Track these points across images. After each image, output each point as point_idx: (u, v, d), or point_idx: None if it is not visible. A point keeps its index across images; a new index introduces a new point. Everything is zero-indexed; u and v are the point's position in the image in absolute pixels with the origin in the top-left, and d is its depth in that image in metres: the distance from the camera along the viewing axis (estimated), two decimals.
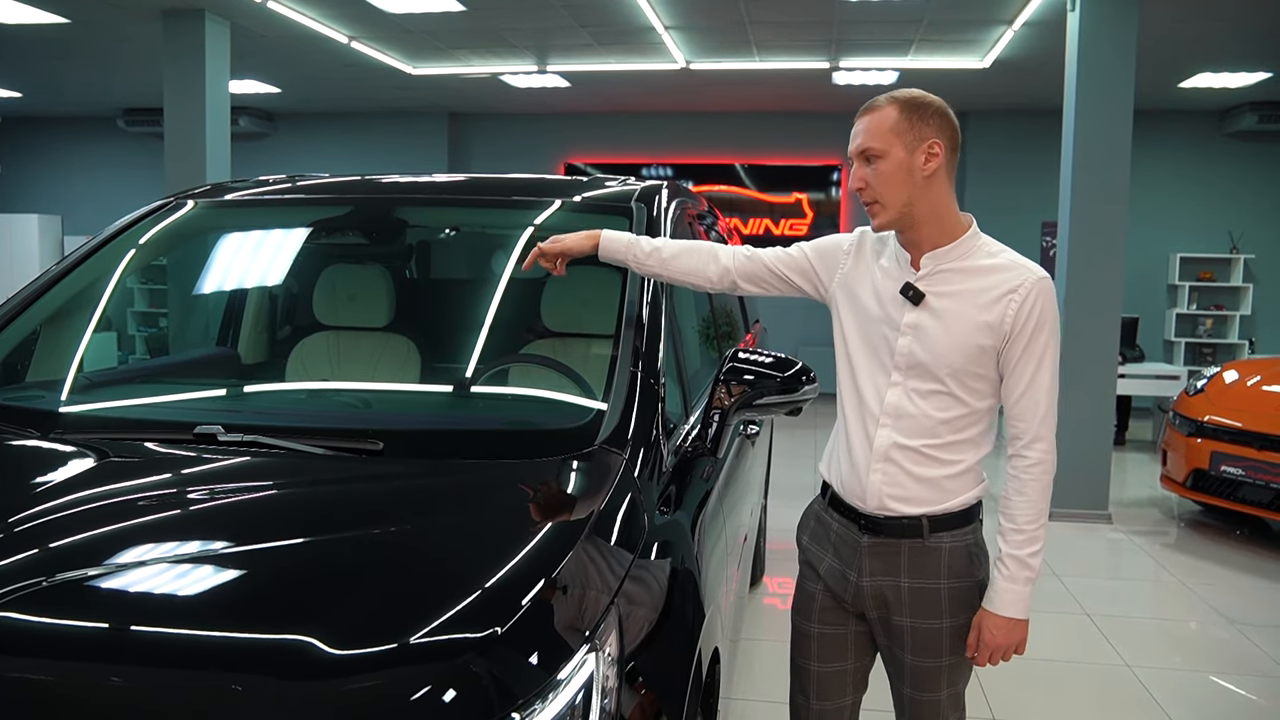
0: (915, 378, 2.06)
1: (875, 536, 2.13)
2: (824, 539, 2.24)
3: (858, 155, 2.05)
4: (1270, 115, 10.22)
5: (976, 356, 2.02)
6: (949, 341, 2.02)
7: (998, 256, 2.07)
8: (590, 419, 2.15)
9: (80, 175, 13.05)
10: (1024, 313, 1.99)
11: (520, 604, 1.54)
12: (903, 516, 2.10)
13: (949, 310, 2.03)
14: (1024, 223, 11.04)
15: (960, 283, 2.04)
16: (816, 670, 2.26)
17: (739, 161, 11.68)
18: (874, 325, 2.11)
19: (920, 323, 2.04)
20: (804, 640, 2.28)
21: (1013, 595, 2.04)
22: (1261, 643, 4.50)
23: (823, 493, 2.28)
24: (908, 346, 2.05)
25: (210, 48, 7.69)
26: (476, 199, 3.13)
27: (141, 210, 2.98)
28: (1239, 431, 6.03)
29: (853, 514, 2.17)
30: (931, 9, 7.26)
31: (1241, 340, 10.85)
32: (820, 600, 2.24)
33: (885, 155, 2.02)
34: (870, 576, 2.14)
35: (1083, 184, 6.49)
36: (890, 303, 2.08)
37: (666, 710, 1.70)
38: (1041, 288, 2.02)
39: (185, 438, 2.12)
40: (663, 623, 1.79)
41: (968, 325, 2.01)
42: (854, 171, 2.07)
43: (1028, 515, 2.04)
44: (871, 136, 2.03)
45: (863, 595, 2.16)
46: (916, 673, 2.16)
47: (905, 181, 2.02)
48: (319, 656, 1.41)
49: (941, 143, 2.03)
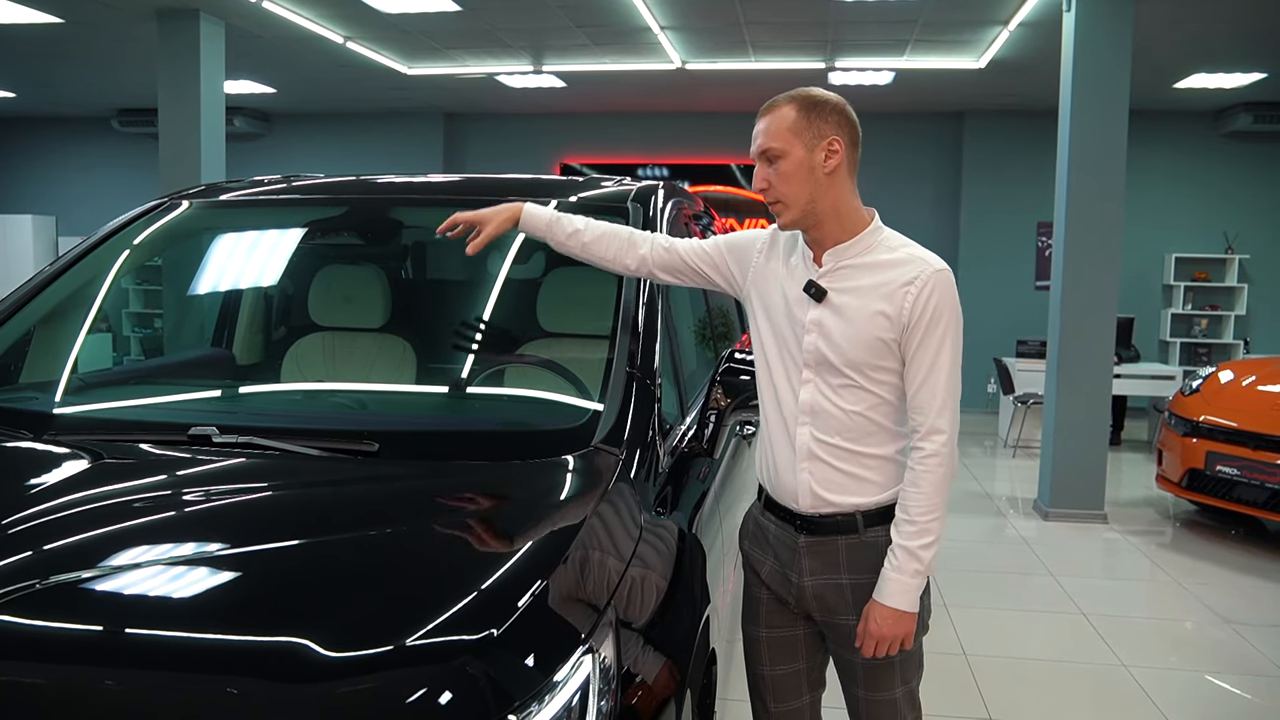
0: (824, 374, 2.07)
1: (812, 535, 2.13)
2: (763, 542, 2.24)
3: (759, 156, 2.06)
4: (1265, 115, 10.23)
5: (878, 349, 2.03)
6: (850, 335, 2.03)
7: (898, 250, 2.07)
8: (586, 420, 2.15)
9: (75, 176, 13.02)
10: (920, 303, 1.99)
11: (516, 606, 1.53)
12: (836, 513, 2.10)
13: (849, 305, 2.04)
14: (1020, 223, 11.06)
15: (860, 278, 2.05)
16: (770, 674, 2.27)
17: (735, 162, 11.67)
18: (783, 324, 2.12)
19: (823, 319, 2.05)
20: (754, 645, 2.29)
21: (899, 586, 2.03)
22: (1257, 642, 4.50)
23: (759, 495, 2.28)
24: (813, 343, 2.07)
25: (205, 48, 7.67)
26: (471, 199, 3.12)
27: (135, 211, 2.97)
28: (1234, 431, 6.03)
29: (788, 515, 2.16)
30: (927, 9, 7.26)
31: (1237, 340, 10.87)
32: (765, 604, 2.25)
33: (786, 155, 2.02)
34: (811, 576, 2.14)
35: (1078, 184, 6.49)
36: (796, 301, 2.10)
37: (663, 711, 1.69)
38: (939, 279, 2.01)
39: (180, 439, 2.11)
40: (660, 623, 1.79)
41: (866, 318, 2.02)
42: (756, 172, 2.08)
43: (920, 507, 2.02)
44: (771, 136, 2.03)
45: (805, 596, 2.16)
46: (869, 672, 2.15)
47: (806, 180, 2.02)
48: (314, 659, 1.41)
49: (841, 140, 2.04)
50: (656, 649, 1.74)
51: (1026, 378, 8.99)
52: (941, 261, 2.06)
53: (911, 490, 2.04)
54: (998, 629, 4.62)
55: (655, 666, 1.71)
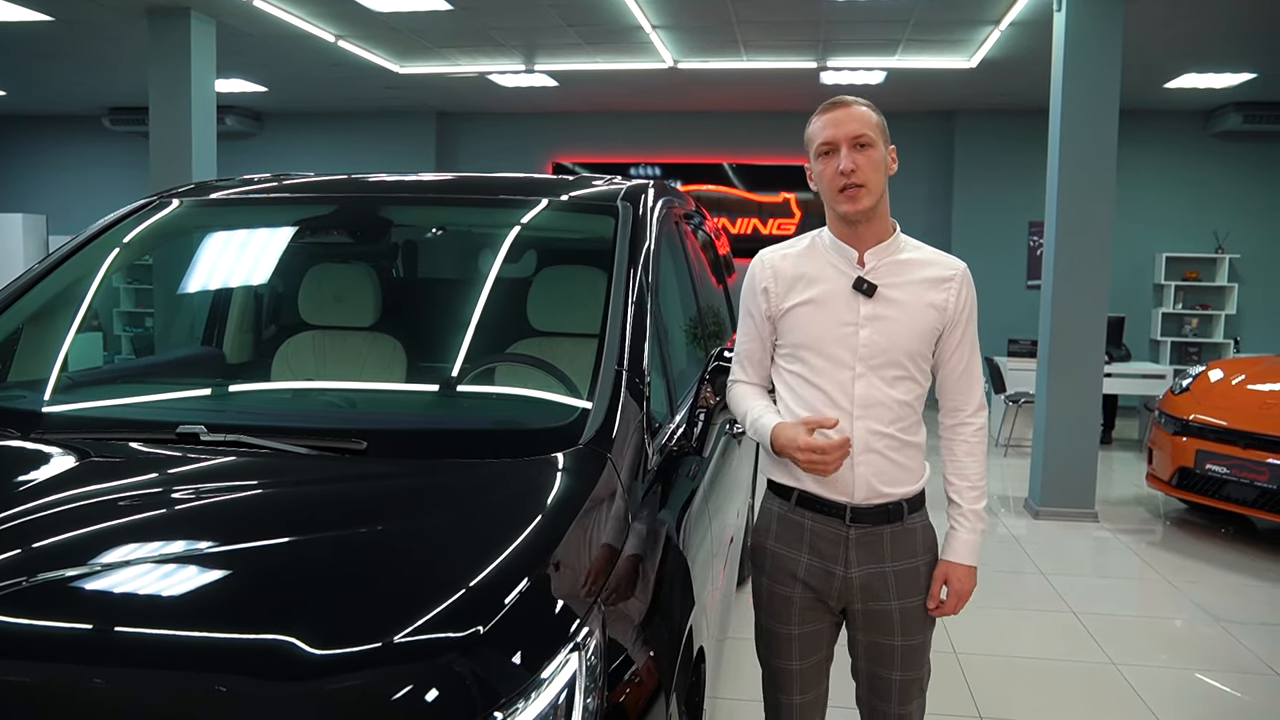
0: (880, 367, 2.19)
1: (861, 526, 2.22)
2: (796, 540, 2.28)
3: (850, 140, 2.15)
4: (1255, 115, 10.27)
5: (928, 340, 2.22)
6: (907, 326, 2.19)
7: (920, 250, 2.27)
8: (575, 418, 2.15)
9: (65, 174, 12.99)
10: (961, 298, 2.23)
11: (503, 603, 1.53)
12: (886, 503, 2.22)
13: (901, 299, 2.20)
14: (1011, 222, 11.09)
15: (903, 274, 2.21)
16: (799, 668, 2.32)
17: (727, 161, 11.69)
18: (829, 324, 2.21)
19: (878, 313, 2.19)
20: (783, 643, 2.31)
21: (972, 545, 2.27)
22: (1246, 640, 4.52)
23: (784, 495, 2.31)
24: (869, 337, 2.19)
25: (196, 46, 7.64)
26: (462, 198, 3.12)
27: (123, 210, 2.96)
28: (1224, 430, 6.06)
29: (835, 509, 2.23)
30: (918, 9, 7.27)
31: (1227, 339, 10.91)
32: (799, 601, 2.28)
33: (874, 145, 2.16)
34: (858, 567, 2.23)
35: (1069, 183, 6.51)
36: (842, 301, 2.21)
37: (650, 709, 1.69)
38: (968, 276, 2.27)
39: (168, 437, 2.11)
40: (647, 622, 1.79)
41: (919, 311, 2.20)
42: (844, 155, 2.14)
43: (978, 473, 2.29)
44: (866, 126, 2.16)
45: (850, 587, 2.24)
46: (906, 653, 2.28)
47: (883, 175, 2.19)
48: (301, 657, 1.41)
49: (896, 149, 2.25)
50: (644, 647, 1.74)
51: (1018, 377, 9.01)
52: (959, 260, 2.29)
53: (969, 460, 2.28)
54: (988, 627, 4.62)
55: (642, 664, 1.71)
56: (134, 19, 7.65)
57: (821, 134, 2.18)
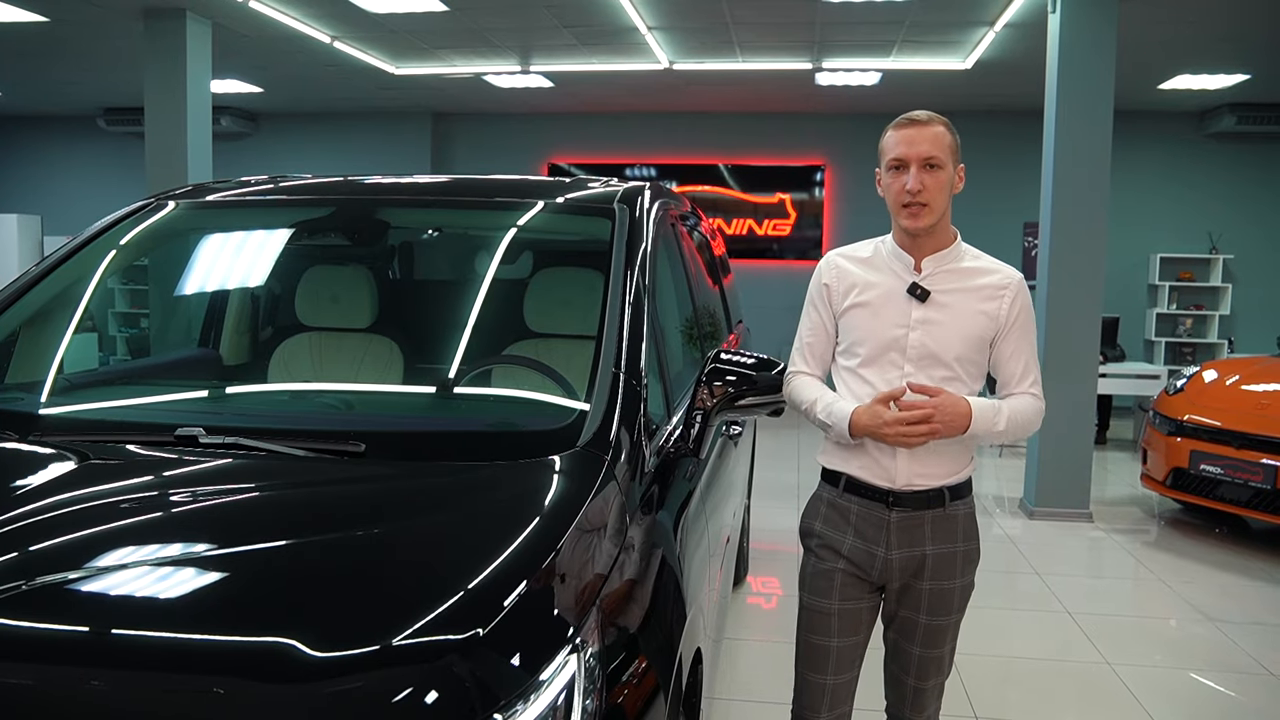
0: (928, 367, 2.34)
1: (903, 510, 2.38)
2: (842, 524, 2.44)
3: (920, 160, 2.29)
4: (1248, 116, 10.30)
5: (979, 345, 2.37)
6: (956, 331, 2.34)
7: (981, 259, 2.44)
8: (572, 420, 2.15)
9: (60, 175, 12.96)
10: (1016, 306, 2.38)
11: (502, 605, 1.54)
12: (928, 489, 2.37)
13: (953, 305, 2.35)
14: (1006, 223, 11.10)
15: (957, 281, 2.37)
16: (837, 646, 2.43)
17: (723, 162, 11.69)
18: (883, 325, 2.37)
19: (929, 317, 2.35)
20: (823, 619, 2.43)
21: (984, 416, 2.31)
22: (1240, 640, 4.54)
23: (833, 482, 2.47)
24: (919, 339, 2.35)
25: (191, 47, 7.64)
26: (458, 200, 3.12)
27: (122, 211, 2.96)
28: (1218, 430, 6.08)
29: (878, 494, 2.39)
30: (913, 10, 7.29)
31: (1221, 340, 10.93)
32: (840, 579, 2.43)
33: (943, 167, 2.31)
34: (899, 549, 2.39)
35: (1063, 184, 6.53)
36: (897, 304, 2.37)
37: (648, 710, 1.70)
38: (1023, 286, 2.43)
39: (166, 440, 2.11)
40: (645, 623, 1.80)
41: (969, 317, 2.35)
42: (913, 174, 2.29)
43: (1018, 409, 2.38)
44: (937, 147, 2.30)
45: (891, 567, 2.40)
46: (930, 631, 2.44)
47: (947, 194, 2.34)
48: (300, 659, 1.41)
49: (964, 168, 2.41)
50: (642, 648, 1.74)
51: None
52: (1017, 270, 2.45)
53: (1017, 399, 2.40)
54: (983, 627, 4.63)
55: (641, 666, 1.72)
56: (129, 20, 7.64)
57: (894, 149, 2.32)
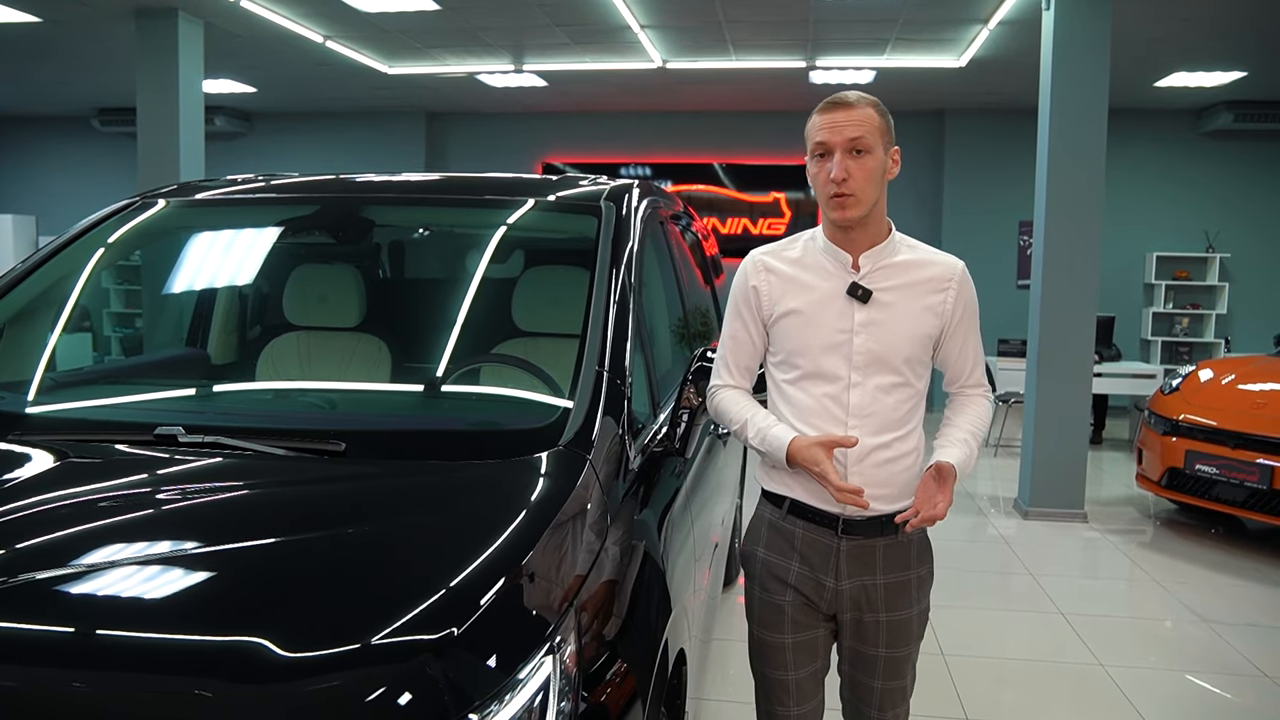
0: (876, 373, 2.13)
1: (854, 538, 2.17)
2: (787, 549, 2.22)
3: (845, 145, 2.06)
4: (1245, 114, 10.28)
5: (924, 343, 2.17)
6: (903, 331, 2.13)
7: (917, 250, 2.21)
8: (554, 419, 2.13)
9: (55, 175, 12.93)
10: (961, 299, 2.18)
11: (477, 606, 1.52)
12: (880, 515, 2.14)
13: (895, 303, 2.14)
14: (1001, 222, 11.09)
15: (898, 277, 2.15)
16: (795, 678, 2.26)
17: (717, 161, 11.67)
18: (824, 333, 2.14)
19: (872, 319, 2.13)
20: (776, 652, 2.25)
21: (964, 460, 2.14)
22: (1234, 641, 4.52)
23: (776, 503, 2.25)
24: (864, 344, 2.12)
25: (183, 47, 7.62)
26: (445, 198, 3.11)
27: (104, 211, 2.94)
28: (1213, 430, 6.05)
29: (825, 519, 2.17)
30: (907, 8, 7.27)
31: (1217, 339, 10.92)
32: (790, 611, 2.22)
33: (872, 151, 2.08)
34: (849, 579, 2.18)
35: (1058, 182, 6.50)
36: (836, 307, 2.13)
37: (627, 712, 1.68)
38: (966, 275, 2.22)
39: (145, 439, 2.09)
40: (625, 624, 1.78)
41: (915, 314, 2.14)
42: (836, 161, 2.06)
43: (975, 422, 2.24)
44: (865, 129, 2.07)
45: (841, 598, 2.20)
46: (891, 663, 2.24)
47: (879, 181, 2.10)
48: (272, 659, 1.40)
49: (899, 150, 2.17)
50: (620, 650, 1.72)
51: (1008, 376, 9.01)
52: (956, 258, 2.24)
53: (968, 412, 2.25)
54: (975, 628, 4.62)
55: (619, 667, 1.70)
56: (121, 20, 7.61)
57: (817, 134, 2.10)
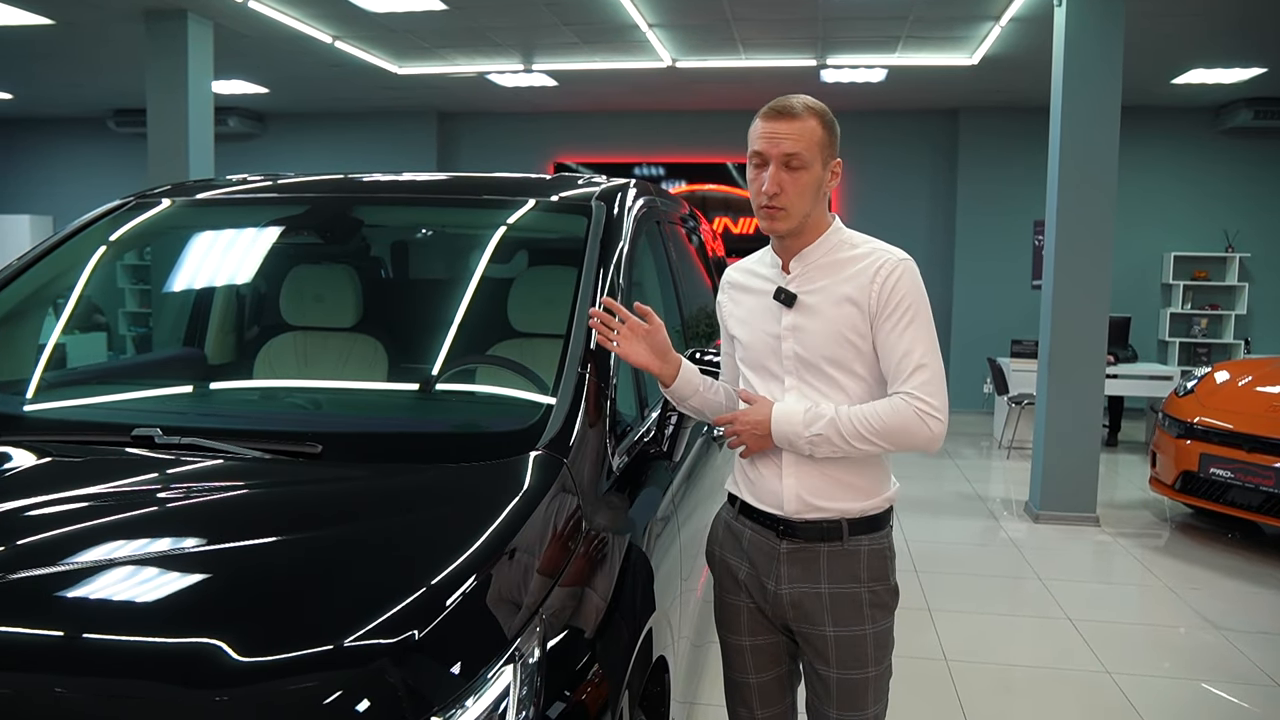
0: (807, 377, 2.08)
1: (794, 541, 2.10)
2: (737, 548, 2.21)
3: (780, 158, 2.01)
4: (1265, 111, 10.13)
5: (853, 341, 2.03)
6: (825, 331, 2.04)
7: (860, 246, 2.09)
8: (534, 422, 2.10)
9: (71, 176, 13.01)
10: (886, 290, 2.00)
11: (439, 611, 1.51)
12: (822, 519, 2.08)
13: (820, 304, 2.06)
14: (1015, 221, 10.98)
15: (826, 277, 2.07)
16: (756, 681, 2.23)
17: (730, 160, 11.61)
18: (760, 338, 2.14)
19: (797, 323, 2.08)
20: (738, 654, 2.24)
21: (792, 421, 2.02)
22: (1248, 649, 4.42)
23: (731, 502, 2.26)
24: (791, 349, 2.09)
25: (192, 48, 7.63)
26: (440, 199, 3.09)
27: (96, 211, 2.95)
28: (1229, 433, 5.94)
29: (768, 520, 2.14)
30: (918, 6, 7.20)
31: (1237, 340, 10.77)
32: (747, 612, 2.21)
33: (808, 167, 2.02)
34: (789, 584, 2.11)
35: (1070, 182, 6.42)
36: (768, 313, 2.12)
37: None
38: (904, 268, 2.04)
39: (123, 440, 2.07)
40: (597, 632, 1.74)
41: (836, 312, 2.03)
42: (770, 174, 2.01)
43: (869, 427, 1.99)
44: (802, 144, 2.01)
45: (781, 603, 2.13)
46: (844, 689, 2.10)
47: (814, 195, 2.04)
48: (228, 662, 1.39)
49: (841, 163, 2.10)
50: (591, 658, 1.68)
51: (1021, 378, 8.91)
52: (904, 253, 2.08)
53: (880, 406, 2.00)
54: (981, 634, 4.55)
55: (591, 675, 1.66)
56: (130, 21, 7.63)
57: (755, 142, 2.05)
